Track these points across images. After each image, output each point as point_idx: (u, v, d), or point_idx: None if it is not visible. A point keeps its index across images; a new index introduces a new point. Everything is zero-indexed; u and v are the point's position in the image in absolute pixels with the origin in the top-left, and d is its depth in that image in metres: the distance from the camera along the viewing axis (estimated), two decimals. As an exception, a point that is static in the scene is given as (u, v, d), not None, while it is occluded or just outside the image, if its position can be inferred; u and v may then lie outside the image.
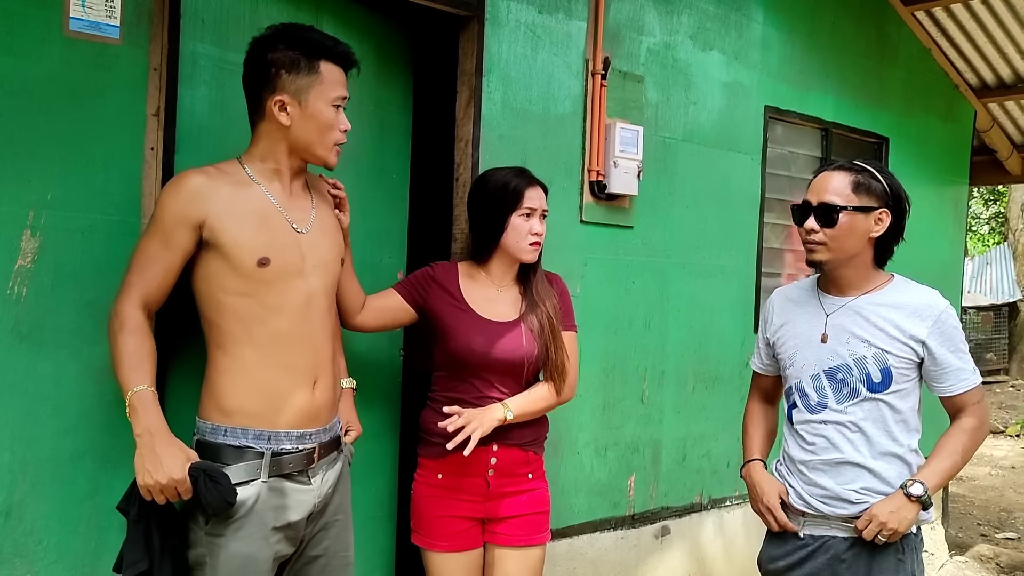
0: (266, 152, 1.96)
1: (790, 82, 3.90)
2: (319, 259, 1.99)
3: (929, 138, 4.73)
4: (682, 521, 3.51)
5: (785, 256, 4.06)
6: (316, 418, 1.98)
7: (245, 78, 1.97)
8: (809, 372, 2.18)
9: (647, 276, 3.32)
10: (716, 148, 3.57)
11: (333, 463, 2.06)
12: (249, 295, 1.88)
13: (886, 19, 4.41)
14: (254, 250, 1.87)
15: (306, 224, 2.00)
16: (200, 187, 1.86)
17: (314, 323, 1.97)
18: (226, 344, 1.90)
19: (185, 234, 1.85)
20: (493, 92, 2.80)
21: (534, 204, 2.39)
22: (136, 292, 1.85)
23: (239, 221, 1.87)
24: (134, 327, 1.82)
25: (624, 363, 3.25)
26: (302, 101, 1.91)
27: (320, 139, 1.95)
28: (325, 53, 1.93)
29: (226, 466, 1.86)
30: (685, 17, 3.42)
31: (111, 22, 2.02)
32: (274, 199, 1.95)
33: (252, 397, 1.89)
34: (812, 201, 2.15)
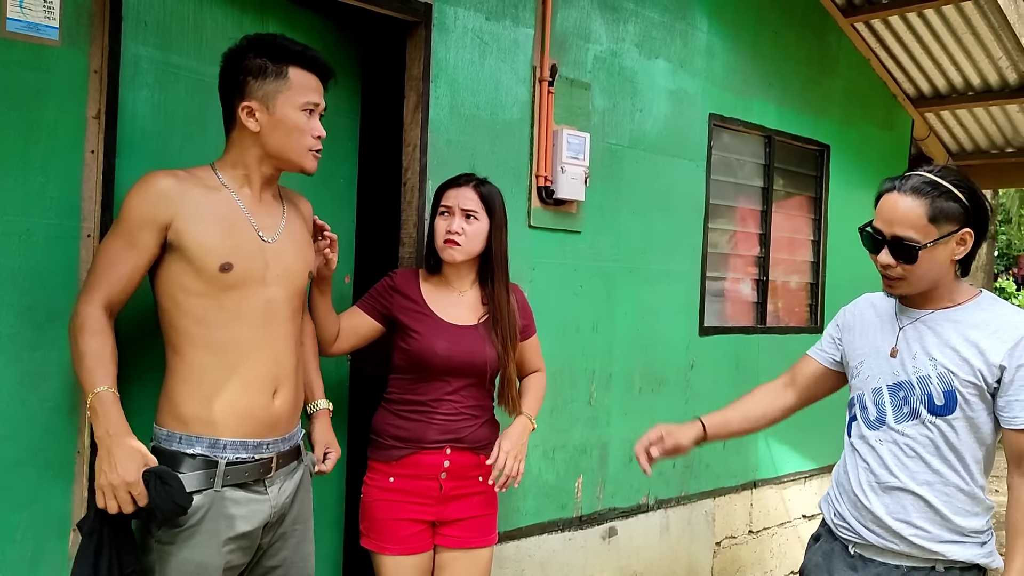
0: (237, 159, 1.95)
1: (734, 90, 3.98)
2: (283, 268, 1.97)
3: (869, 146, 4.86)
4: (629, 522, 3.55)
5: (729, 261, 4.14)
6: (274, 427, 1.96)
7: (219, 89, 1.98)
8: (872, 385, 2.00)
9: (595, 280, 3.36)
10: (662, 155, 3.63)
11: (292, 473, 2.03)
12: (209, 297, 1.86)
13: (827, 30, 4.52)
14: (218, 255, 1.85)
15: (273, 233, 1.99)
16: (168, 189, 1.85)
17: (275, 331, 1.95)
18: (183, 347, 1.88)
19: (150, 236, 1.83)
20: (441, 97, 2.82)
21: (449, 203, 2.42)
22: (99, 293, 1.83)
23: (205, 225, 1.86)
24: (95, 328, 1.80)
25: (572, 366, 3.29)
26: (270, 106, 1.91)
27: (291, 144, 1.94)
28: (294, 58, 1.93)
29: (180, 474, 1.83)
30: (631, 25, 3.48)
31: (50, 23, 2.00)
32: (243, 205, 1.94)
33: (207, 404, 1.87)
34: (885, 232, 1.87)
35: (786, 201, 4.44)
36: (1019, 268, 24.66)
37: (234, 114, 1.93)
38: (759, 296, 4.26)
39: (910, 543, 1.89)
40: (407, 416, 2.41)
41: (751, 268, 4.25)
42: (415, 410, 2.41)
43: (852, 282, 4.75)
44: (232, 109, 1.93)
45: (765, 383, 2.29)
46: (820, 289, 4.57)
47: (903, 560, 1.91)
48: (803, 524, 4.52)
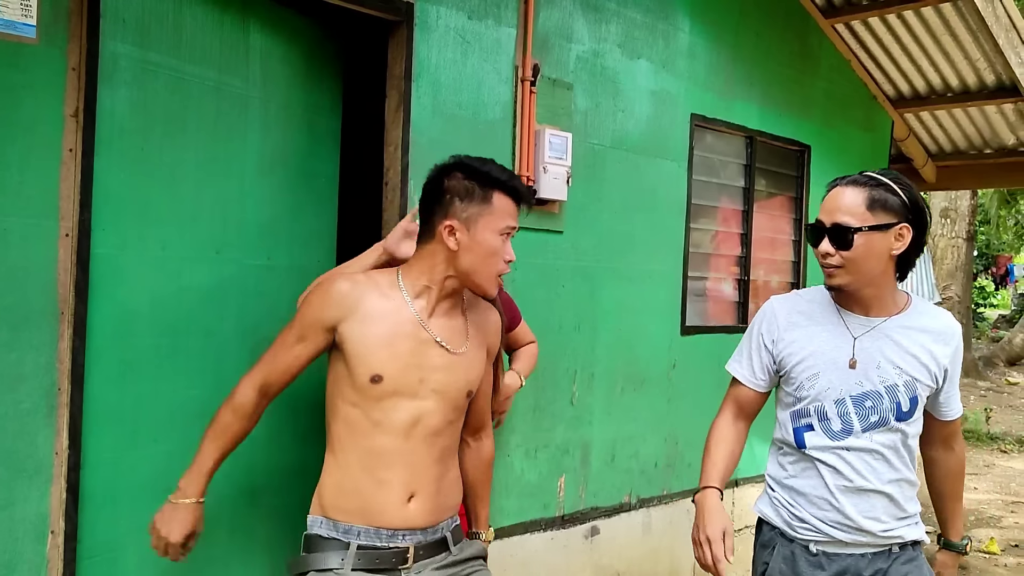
0: (424, 269, 1.98)
1: (716, 91, 4.00)
2: (440, 384, 1.97)
3: (849, 146, 4.90)
4: (611, 521, 3.56)
5: (711, 260, 4.15)
6: (409, 524, 1.97)
7: (422, 200, 2.01)
8: (833, 396, 1.99)
9: (577, 280, 3.37)
10: (644, 155, 3.64)
11: (441, 564, 2.02)
12: (358, 406, 1.93)
13: (808, 31, 4.55)
14: (370, 366, 1.90)
15: (458, 346, 2.01)
16: (345, 293, 1.93)
17: (419, 444, 1.96)
18: (335, 447, 1.97)
19: (318, 333, 1.94)
20: (423, 97, 2.82)
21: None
22: (260, 374, 1.96)
23: (366, 333, 1.91)
24: (240, 404, 1.94)
25: (554, 366, 3.29)
26: (471, 228, 1.92)
27: (483, 266, 1.95)
28: (499, 185, 1.95)
29: (316, 553, 1.93)
30: (613, 26, 3.48)
31: (27, 21, 1.98)
32: (418, 315, 1.96)
33: (345, 498, 1.94)
34: (825, 221, 1.96)
35: (767, 201, 4.47)
36: (998, 268, 24.93)
37: (434, 229, 1.95)
38: (740, 296, 4.28)
39: (876, 535, 1.99)
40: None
41: (733, 268, 4.27)
42: None
43: (833, 282, 4.80)
44: (433, 224, 1.96)
45: (720, 424, 2.20)
46: (801, 288, 4.59)
47: (866, 548, 2.00)
48: (784, 522, 4.54)
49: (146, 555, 2.26)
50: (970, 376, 13.81)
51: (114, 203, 2.21)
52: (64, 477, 2.08)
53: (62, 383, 2.07)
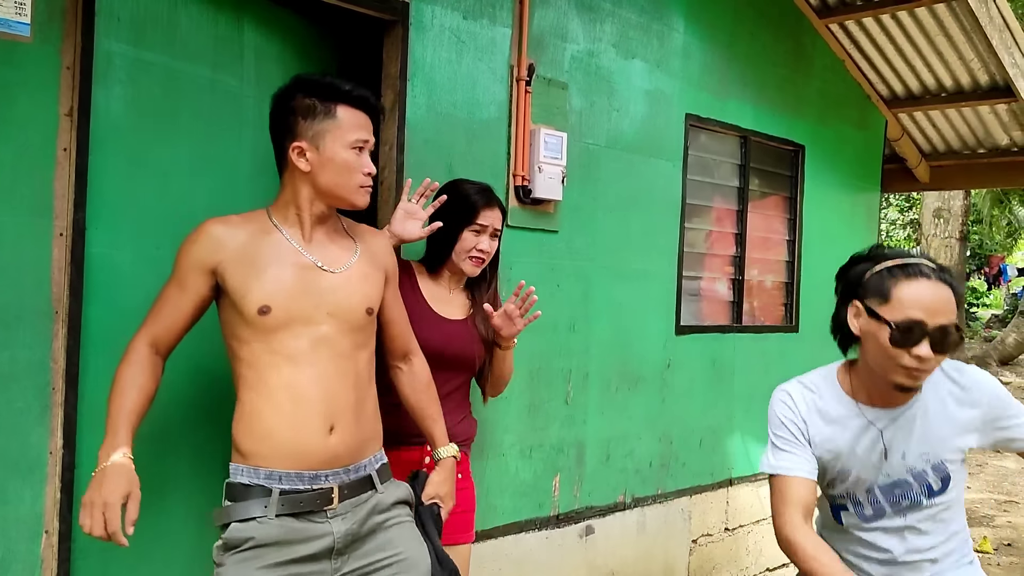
0: (290, 198, 1.97)
1: (710, 90, 4.00)
2: (335, 306, 1.95)
3: (843, 146, 4.91)
4: (606, 520, 3.57)
5: (706, 260, 4.16)
6: (334, 461, 1.94)
7: (271, 130, 2.00)
8: (864, 487, 1.96)
9: (572, 280, 3.37)
10: (638, 154, 3.64)
11: (362, 503, 1.99)
12: (255, 342, 1.89)
13: (802, 31, 4.56)
14: (255, 298, 1.87)
15: (342, 264, 1.99)
16: (217, 234, 1.90)
17: (327, 368, 1.93)
18: (239, 389, 1.93)
19: (199, 278, 1.90)
20: (418, 96, 2.82)
21: (486, 222, 2.46)
22: (147, 331, 1.91)
23: (247, 268, 1.89)
24: (135, 359, 1.87)
25: (549, 365, 3.29)
26: (319, 146, 1.92)
27: (342, 182, 1.94)
28: (343, 98, 1.94)
29: (238, 503, 1.87)
30: (608, 25, 3.49)
31: (21, 19, 1.97)
32: (297, 244, 1.95)
33: (262, 441, 1.89)
34: (927, 323, 1.75)
35: (762, 201, 4.47)
36: (990, 268, 25.01)
37: (285, 155, 1.95)
38: (735, 295, 4.29)
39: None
40: (389, 411, 2.41)
41: (727, 267, 4.28)
42: (398, 404, 2.41)
43: (826, 281, 4.79)
44: (283, 150, 1.95)
45: (809, 536, 1.88)
46: (795, 288, 4.60)
47: None
48: (778, 521, 4.55)
49: (140, 555, 2.26)
50: (963, 375, 13.85)
51: (109, 202, 2.20)
52: (58, 477, 2.08)
53: (56, 382, 2.07)
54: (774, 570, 4.54)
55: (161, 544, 2.32)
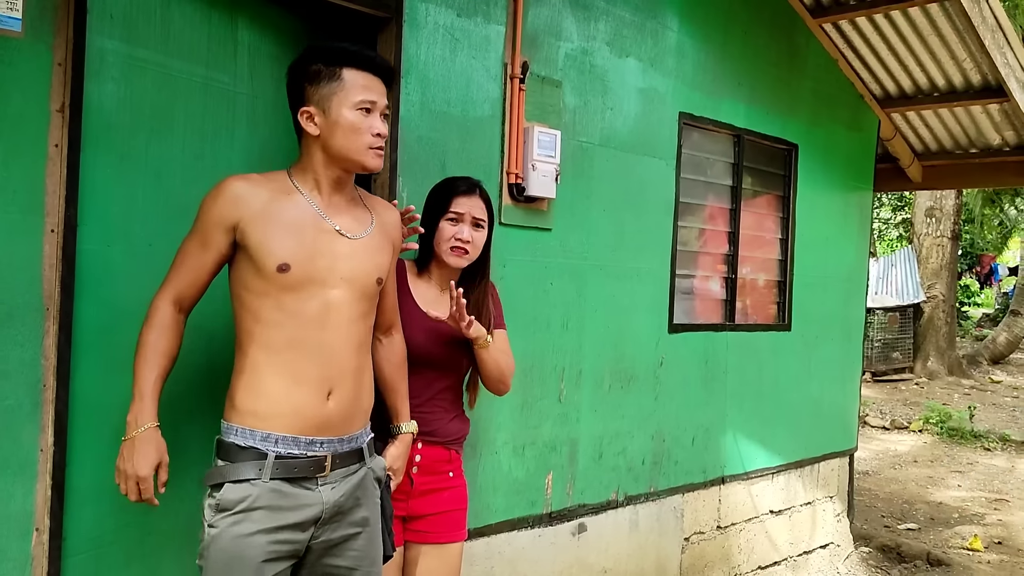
0: (306, 164, 2.00)
1: (704, 89, 4.01)
2: (349, 272, 1.99)
3: (836, 145, 4.92)
4: (598, 518, 3.57)
5: (699, 258, 4.17)
6: (328, 428, 1.96)
7: (289, 102, 2.02)
8: None
9: (565, 278, 3.37)
10: (632, 153, 3.65)
11: (351, 475, 2.02)
12: (268, 297, 1.91)
13: (796, 30, 4.57)
14: (276, 255, 1.90)
15: (360, 232, 2.03)
16: (238, 191, 1.92)
17: (332, 334, 1.96)
18: (244, 344, 1.94)
19: (220, 236, 1.91)
20: (411, 94, 2.81)
21: (461, 210, 2.43)
22: (171, 288, 1.93)
23: (268, 225, 1.91)
24: (159, 321, 1.90)
25: (542, 363, 3.29)
26: (326, 109, 1.94)
27: (349, 144, 1.96)
28: (347, 60, 1.96)
29: (232, 463, 1.89)
30: (602, 24, 3.49)
31: (12, 14, 1.97)
32: (317, 207, 1.98)
33: (259, 400, 1.91)
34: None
35: (755, 199, 4.48)
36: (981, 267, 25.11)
37: (297, 123, 1.98)
38: (728, 293, 4.30)
39: None
40: (382, 407, 2.41)
41: (720, 266, 4.29)
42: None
43: (820, 280, 4.82)
44: (296, 119, 1.99)
45: None
46: (788, 287, 4.62)
47: None
48: (770, 519, 4.57)
49: (132, 552, 2.26)
50: (954, 374, 13.90)
51: (100, 199, 2.20)
52: (49, 474, 2.07)
53: (47, 379, 2.06)
54: (766, 568, 4.55)
55: (150, 540, 2.32)
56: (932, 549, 5.47)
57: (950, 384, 13.34)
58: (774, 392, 4.51)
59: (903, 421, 10.24)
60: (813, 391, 4.82)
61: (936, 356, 13.86)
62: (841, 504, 5.20)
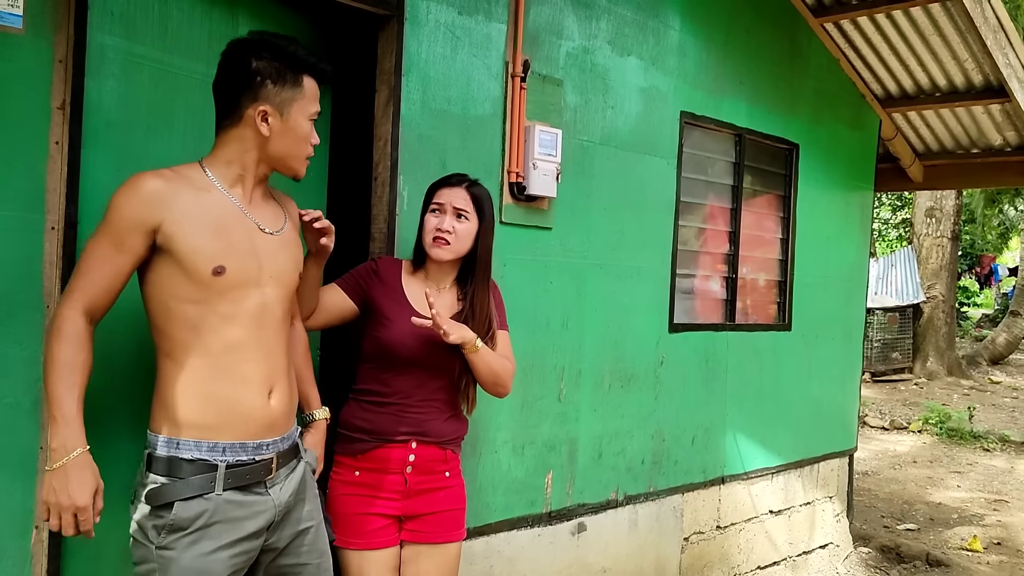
0: (234, 157, 1.92)
1: (705, 88, 4.00)
2: (276, 269, 1.96)
3: (837, 145, 4.92)
4: (598, 518, 3.57)
5: (699, 258, 4.16)
6: (272, 428, 1.94)
7: (220, 80, 1.93)
8: None
9: (565, 277, 3.37)
10: (633, 152, 3.64)
11: (292, 471, 2.02)
12: (202, 303, 1.83)
13: (798, 30, 4.56)
14: (210, 258, 1.82)
15: (277, 228, 2.00)
16: (157, 191, 1.80)
17: (269, 333, 1.94)
18: (176, 353, 1.84)
19: (138, 239, 1.79)
20: (412, 92, 2.81)
21: (441, 200, 2.42)
22: (80, 297, 1.77)
23: (196, 228, 1.82)
24: (72, 334, 1.74)
25: (542, 362, 3.29)
26: (284, 113, 1.91)
27: (294, 151, 1.96)
28: (308, 68, 1.94)
29: (179, 479, 1.81)
30: (604, 22, 3.48)
31: (13, 11, 1.96)
32: (239, 204, 1.92)
33: (205, 409, 1.84)
34: None
35: (756, 199, 4.48)
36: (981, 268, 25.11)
37: (242, 113, 1.89)
38: (728, 293, 4.29)
39: None
40: (373, 408, 2.41)
41: (721, 265, 4.28)
42: (382, 402, 2.40)
43: (820, 280, 4.82)
44: (240, 108, 1.89)
45: None
46: (788, 287, 4.61)
47: None
48: (770, 519, 4.57)
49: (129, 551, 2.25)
50: (954, 374, 13.90)
51: (101, 197, 2.17)
52: (49, 472, 2.06)
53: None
54: (766, 568, 4.55)
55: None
56: (931, 550, 5.46)
57: (949, 385, 13.34)
58: (774, 392, 4.51)
59: (902, 421, 10.24)
60: (813, 391, 4.82)
61: (936, 356, 13.86)
62: (840, 504, 5.19)
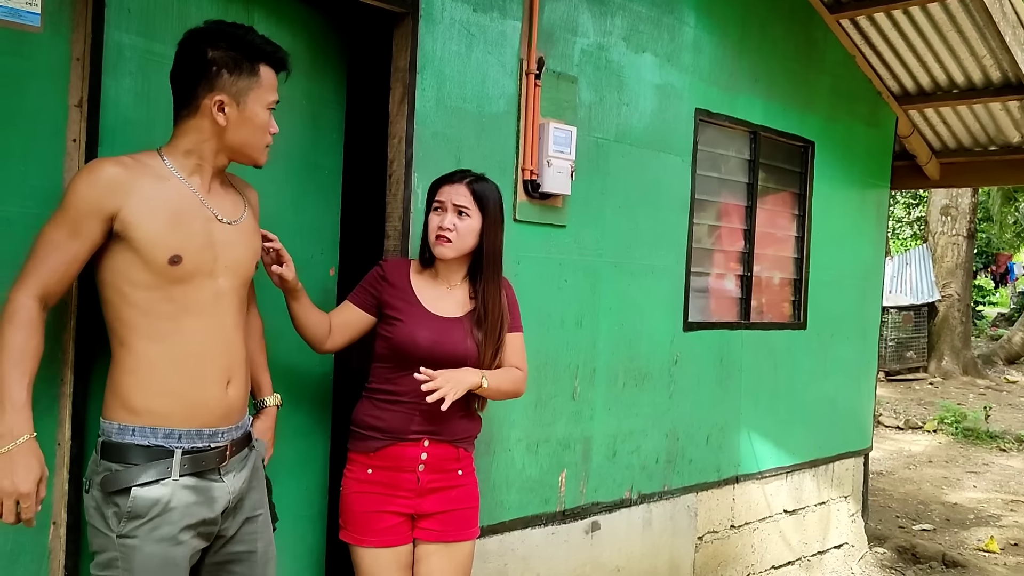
0: (192, 147, 1.92)
1: (720, 85, 3.98)
2: (232, 260, 1.97)
3: (853, 142, 4.88)
4: (612, 516, 3.56)
5: (714, 256, 4.15)
6: (228, 416, 1.97)
7: (177, 70, 1.93)
8: None
9: (579, 275, 3.36)
10: (648, 149, 3.63)
11: (245, 459, 2.05)
12: (157, 290, 1.84)
13: (813, 26, 4.53)
14: (167, 247, 1.83)
15: (236, 217, 2.00)
16: (117, 178, 1.80)
17: (225, 321, 1.95)
18: (131, 340, 1.85)
19: (96, 225, 1.79)
20: (427, 89, 2.80)
21: (442, 198, 2.42)
22: (34, 282, 1.77)
23: (154, 216, 1.82)
24: (24, 320, 1.74)
25: (556, 361, 3.28)
26: (240, 103, 1.91)
27: (254, 140, 1.97)
28: (265, 57, 1.94)
29: (134, 465, 1.82)
30: (619, 19, 3.47)
31: (31, 9, 1.97)
32: (197, 193, 1.93)
33: (161, 396, 1.85)
34: None
35: (771, 197, 4.46)
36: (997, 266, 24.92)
37: (198, 103, 1.89)
38: (743, 292, 4.27)
39: None
40: (386, 407, 2.40)
41: (735, 264, 4.26)
42: (395, 400, 2.40)
43: (835, 278, 4.79)
44: (196, 97, 1.89)
45: None
46: (803, 285, 4.59)
47: None
48: (784, 519, 4.55)
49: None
50: (969, 374, 13.81)
51: (117, 193, 2.19)
52: (67, 468, 2.07)
53: (65, 374, 2.06)
54: (780, 568, 4.53)
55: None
56: (947, 550, 5.43)
57: (965, 384, 13.26)
58: (789, 391, 4.49)
59: (917, 421, 10.18)
60: (828, 390, 4.79)
61: (951, 356, 13.77)
62: (856, 504, 5.17)
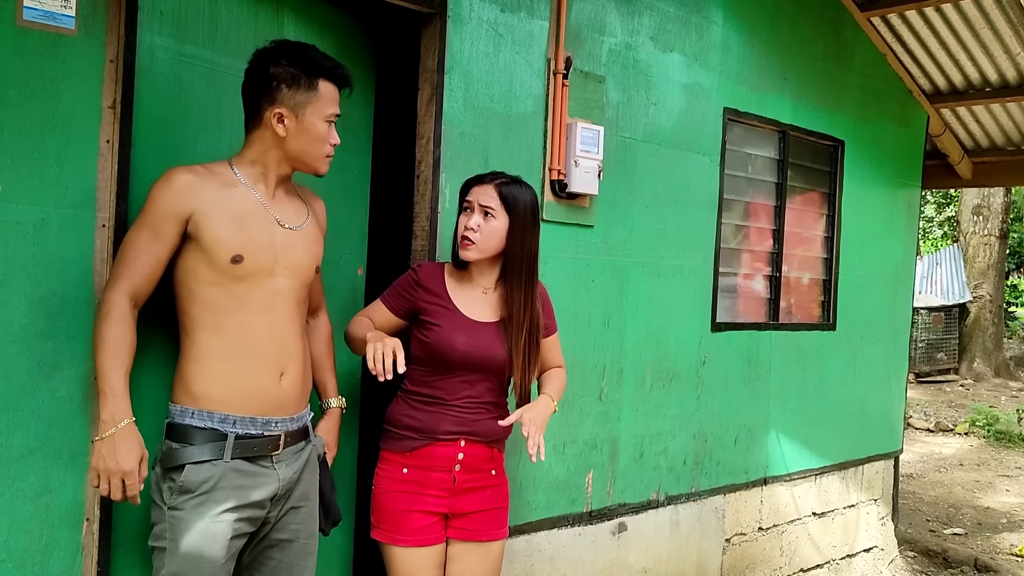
0: (256, 157, 2.07)
1: (749, 84, 3.95)
2: (291, 261, 2.10)
3: (884, 142, 4.83)
4: (639, 517, 3.54)
5: (742, 256, 4.12)
6: (282, 407, 2.08)
7: (245, 86, 2.07)
8: None
9: (606, 275, 3.35)
10: (675, 149, 3.61)
11: (299, 452, 2.16)
12: (220, 286, 1.99)
13: (843, 24, 4.49)
14: (230, 247, 1.98)
15: (298, 223, 2.14)
16: (189, 183, 1.97)
17: (281, 319, 2.08)
18: (195, 332, 2.00)
19: (173, 227, 1.96)
20: (455, 90, 2.81)
21: (471, 198, 2.41)
22: (125, 283, 1.94)
23: (221, 218, 1.98)
24: (118, 316, 1.91)
25: (583, 361, 3.27)
26: (299, 115, 2.04)
27: (312, 150, 2.09)
28: (324, 73, 2.07)
29: (191, 445, 1.97)
30: (646, 18, 3.45)
31: (66, 12, 1.99)
32: (261, 199, 2.07)
33: (217, 383, 2.00)
34: None
35: (800, 197, 4.41)
36: (1031, 266, 24.51)
37: (261, 116, 2.04)
38: (772, 292, 4.24)
39: None
40: (423, 407, 2.41)
41: (764, 264, 4.23)
42: (431, 402, 2.40)
43: (866, 279, 4.74)
44: (260, 111, 2.04)
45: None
46: (833, 286, 4.54)
47: None
48: (813, 522, 4.50)
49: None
50: (1001, 376, 13.61)
51: (150, 194, 2.22)
52: (99, 465, 2.10)
53: (98, 373, 2.09)
54: (808, 571, 4.49)
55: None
56: (979, 555, 5.35)
57: (997, 386, 13.06)
58: (818, 392, 4.44)
59: (948, 423, 10.04)
60: (858, 392, 4.74)
61: (982, 357, 13.58)
62: (885, 507, 5.11)
